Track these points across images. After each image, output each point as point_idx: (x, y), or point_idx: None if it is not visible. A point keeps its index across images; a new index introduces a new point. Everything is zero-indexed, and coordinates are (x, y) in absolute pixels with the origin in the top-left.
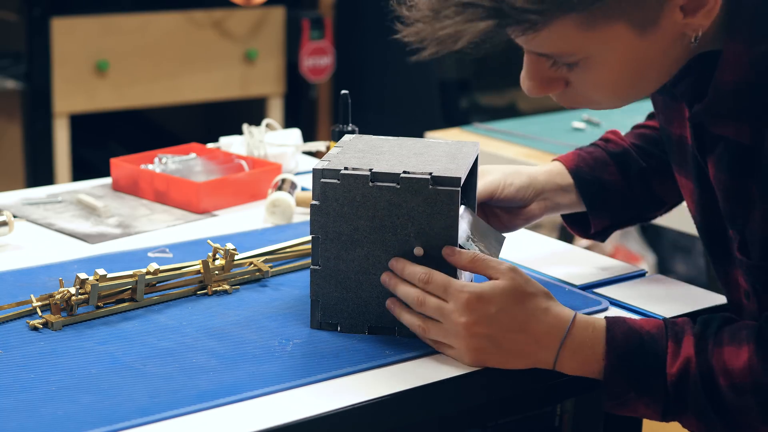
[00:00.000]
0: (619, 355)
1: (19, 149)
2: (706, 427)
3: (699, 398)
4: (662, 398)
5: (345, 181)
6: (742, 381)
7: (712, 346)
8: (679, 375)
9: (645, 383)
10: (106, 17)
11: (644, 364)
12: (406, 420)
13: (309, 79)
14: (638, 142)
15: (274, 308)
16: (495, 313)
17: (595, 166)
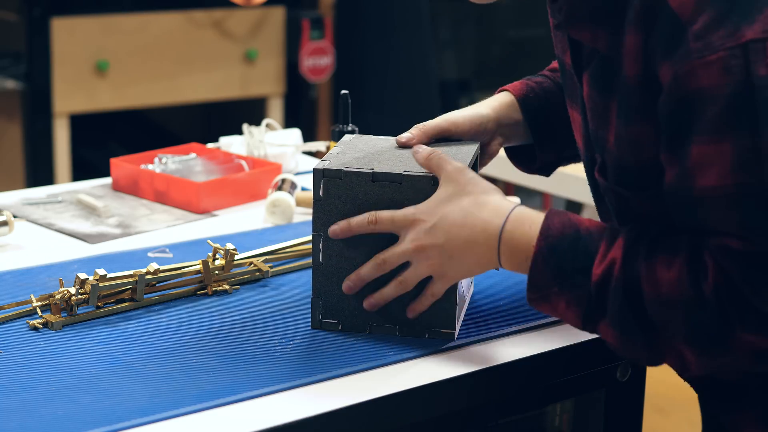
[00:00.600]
0: (549, 244)
1: (19, 149)
2: (623, 338)
3: (620, 305)
4: (585, 300)
5: (347, 179)
6: (670, 294)
7: (643, 252)
8: (603, 276)
9: (570, 279)
10: (106, 17)
11: (573, 258)
12: (406, 420)
13: (309, 79)
14: None
15: (274, 308)
16: (435, 223)
17: (544, 97)
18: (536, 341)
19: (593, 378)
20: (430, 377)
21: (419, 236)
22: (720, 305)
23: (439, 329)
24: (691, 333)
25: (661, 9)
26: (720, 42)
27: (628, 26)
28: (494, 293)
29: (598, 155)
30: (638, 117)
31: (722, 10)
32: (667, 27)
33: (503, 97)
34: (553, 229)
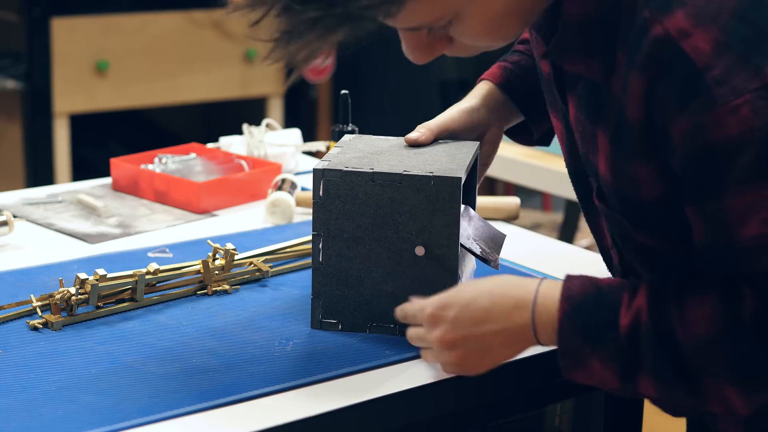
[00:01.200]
0: (573, 305)
1: (19, 149)
2: (664, 389)
3: (654, 353)
4: (617, 354)
5: (347, 179)
6: (706, 331)
7: (671, 296)
8: (632, 326)
9: (599, 335)
10: (106, 17)
11: (598, 314)
12: (406, 420)
13: (309, 79)
14: None
15: (274, 308)
16: (457, 314)
17: (524, 76)
18: None
19: None
20: (429, 377)
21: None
22: (761, 331)
23: None
24: (734, 368)
25: (674, 54)
26: (744, 85)
27: (634, 69)
28: None
29: (593, 180)
30: (640, 158)
31: (742, 53)
32: (681, 75)
33: (485, 86)
34: (574, 290)
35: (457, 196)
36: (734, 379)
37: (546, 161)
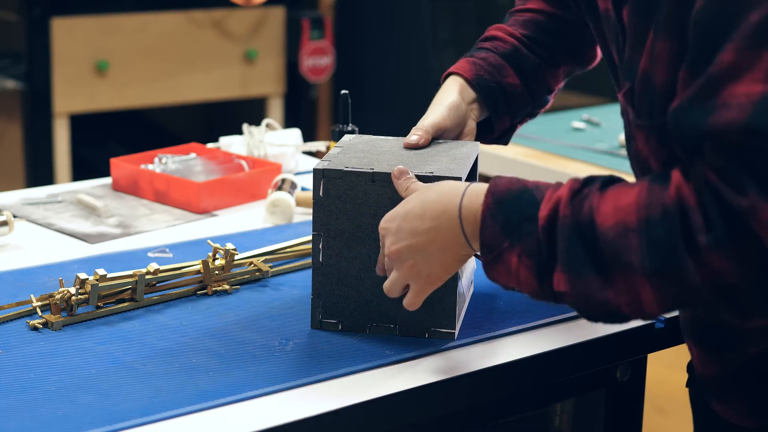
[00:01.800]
0: (496, 199)
1: (19, 149)
2: (576, 281)
3: (568, 242)
4: (535, 248)
5: (348, 179)
6: (627, 217)
7: (593, 189)
8: (549, 217)
9: (518, 228)
10: (106, 17)
11: (520, 208)
12: (406, 420)
13: (309, 79)
14: (525, 31)
15: (274, 308)
16: (399, 225)
17: (494, 72)
18: (536, 341)
19: (593, 378)
20: (430, 377)
21: (388, 244)
22: (682, 215)
23: (439, 329)
24: (647, 257)
25: None
26: None
27: None
28: (494, 293)
29: (627, 81)
30: (668, 31)
31: None
32: None
33: (457, 80)
34: (500, 186)
35: None
36: (645, 269)
37: (546, 161)
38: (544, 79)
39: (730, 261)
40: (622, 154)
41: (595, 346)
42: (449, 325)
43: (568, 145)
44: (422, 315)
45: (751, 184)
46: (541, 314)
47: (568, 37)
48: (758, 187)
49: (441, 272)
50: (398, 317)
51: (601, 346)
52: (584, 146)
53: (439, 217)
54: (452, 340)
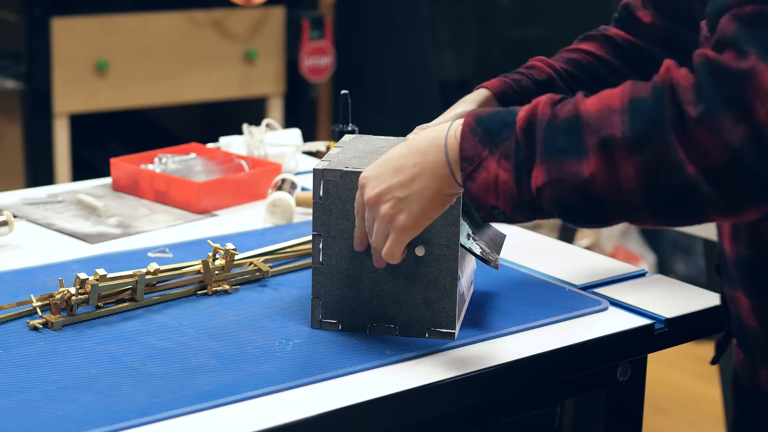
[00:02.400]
0: (477, 117)
1: (19, 149)
2: (555, 168)
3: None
4: (513, 148)
5: (348, 179)
6: (611, 102)
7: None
8: (528, 118)
9: (497, 135)
10: (106, 17)
11: (500, 119)
12: (406, 420)
13: (309, 79)
14: (567, 67)
15: (274, 308)
16: (379, 170)
17: (522, 94)
18: (536, 341)
19: (593, 378)
20: (430, 377)
21: (368, 190)
22: (671, 91)
23: (439, 329)
24: (628, 126)
25: None
26: None
27: None
28: (494, 293)
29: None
30: None
31: None
32: None
33: (481, 93)
34: (484, 110)
35: (458, 196)
36: (626, 139)
37: None
38: None
39: (718, 136)
40: None
41: (595, 346)
42: (449, 325)
43: None
44: (422, 315)
45: (754, 49)
46: (541, 314)
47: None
48: (761, 51)
49: (421, 215)
50: (398, 317)
51: (601, 346)
52: None
53: (425, 152)
54: (452, 340)
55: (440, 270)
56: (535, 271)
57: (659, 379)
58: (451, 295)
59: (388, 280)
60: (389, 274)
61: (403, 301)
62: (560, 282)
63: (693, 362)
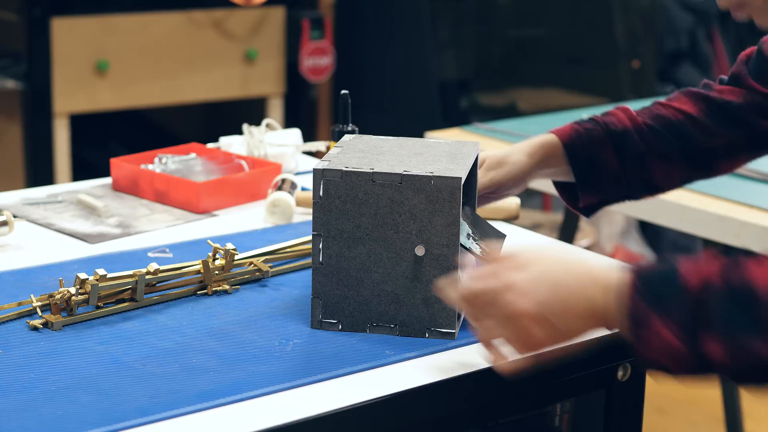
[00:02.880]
0: (642, 277)
1: (19, 149)
2: (738, 349)
3: (727, 308)
4: (683, 313)
5: (347, 179)
6: None
7: (740, 260)
8: (702, 287)
9: (667, 300)
10: (106, 17)
11: (668, 282)
12: (406, 420)
13: (309, 79)
14: (650, 122)
15: (274, 308)
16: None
17: (591, 145)
18: None
19: (593, 378)
20: (430, 377)
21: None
22: None
23: (439, 329)
24: None
25: None
26: None
27: None
28: None
29: None
30: None
31: None
32: None
33: (549, 140)
34: (644, 266)
35: (457, 196)
36: None
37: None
38: (650, 170)
39: None
40: None
41: (595, 346)
42: (449, 325)
43: None
44: (422, 315)
45: None
46: None
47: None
48: None
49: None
50: (398, 317)
51: (601, 346)
52: None
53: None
54: (452, 340)
55: (440, 270)
56: None
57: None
58: None
59: (388, 280)
60: (389, 274)
61: (403, 301)
62: None
63: None
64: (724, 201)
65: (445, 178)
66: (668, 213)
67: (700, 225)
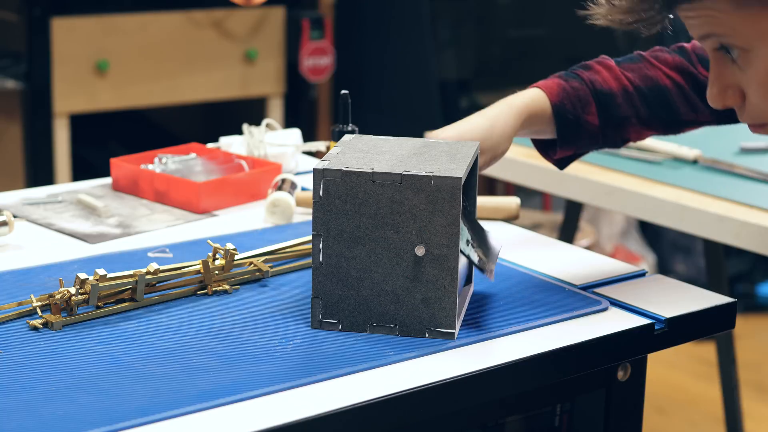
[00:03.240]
0: None
1: (19, 149)
2: None
3: None
4: None
5: (347, 179)
6: None
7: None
8: None
9: None
10: (106, 17)
11: None
12: (406, 420)
13: (309, 79)
14: (638, 83)
15: (274, 308)
16: None
17: (577, 105)
18: (536, 341)
19: (593, 378)
20: (430, 377)
21: None
22: None
23: (439, 329)
24: None
25: None
26: None
27: None
28: (494, 293)
29: None
30: None
31: None
32: None
33: (536, 101)
34: None
35: (457, 196)
36: None
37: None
38: (625, 133)
39: None
40: (622, 154)
41: (595, 346)
42: (449, 325)
43: None
44: (422, 315)
45: None
46: (541, 314)
47: (681, 116)
48: None
49: None
50: (398, 317)
51: (601, 346)
52: None
53: None
54: (452, 340)
55: (440, 270)
56: (535, 271)
57: (659, 379)
58: (451, 295)
59: (388, 280)
60: (389, 274)
61: (403, 301)
62: (560, 282)
63: (693, 362)
64: (724, 201)
65: (445, 178)
66: (668, 213)
67: (700, 225)
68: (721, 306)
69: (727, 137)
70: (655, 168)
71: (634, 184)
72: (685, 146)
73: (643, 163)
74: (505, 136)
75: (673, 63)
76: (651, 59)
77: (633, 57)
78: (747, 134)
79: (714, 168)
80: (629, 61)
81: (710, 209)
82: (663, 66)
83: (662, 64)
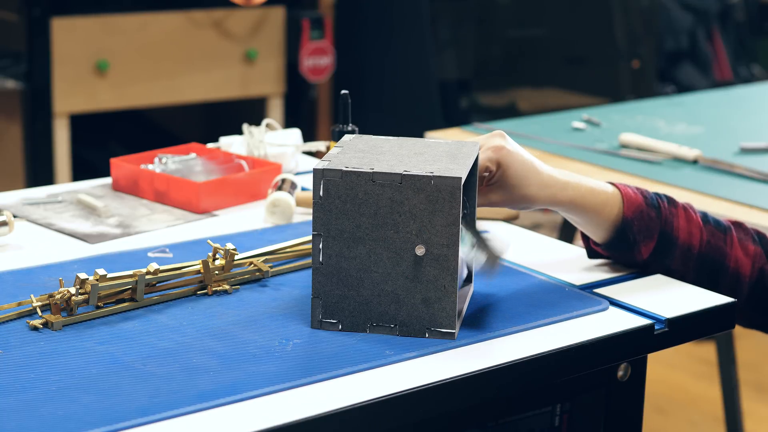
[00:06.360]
0: None
1: (19, 149)
2: None
3: None
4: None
5: (347, 179)
6: None
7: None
8: None
9: None
10: (106, 17)
11: None
12: (406, 420)
13: (309, 79)
14: (705, 251)
15: (274, 308)
16: None
17: (643, 232)
18: (536, 341)
19: (593, 378)
20: (430, 377)
21: None
22: None
23: (439, 329)
24: None
25: None
26: None
27: None
28: (494, 293)
29: None
30: None
31: None
32: None
33: (610, 201)
34: None
35: (458, 196)
36: None
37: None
38: (662, 272)
39: None
40: (622, 154)
41: (595, 346)
42: (449, 325)
43: (568, 145)
44: (422, 315)
45: None
46: (541, 314)
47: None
48: None
49: None
50: (398, 317)
51: (601, 346)
52: (584, 146)
53: None
54: (452, 340)
55: (440, 270)
56: (535, 271)
57: (659, 379)
58: (451, 295)
59: (388, 280)
60: (389, 274)
61: (403, 301)
62: (560, 282)
63: (693, 362)
64: (724, 201)
65: (445, 178)
66: None
67: None
68: (721, 306)
69: (727, 137)
70: (655, 168)
71: (635, 184)
72: (685, 146)
73: (643, 163)
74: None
75: (753, 255)
76: (735, 237)
77: (722, 224)
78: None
79: (714, 168)
80: (716, 226)
81: (710, 209)
82: (740, 253)
83: (741, 252)
